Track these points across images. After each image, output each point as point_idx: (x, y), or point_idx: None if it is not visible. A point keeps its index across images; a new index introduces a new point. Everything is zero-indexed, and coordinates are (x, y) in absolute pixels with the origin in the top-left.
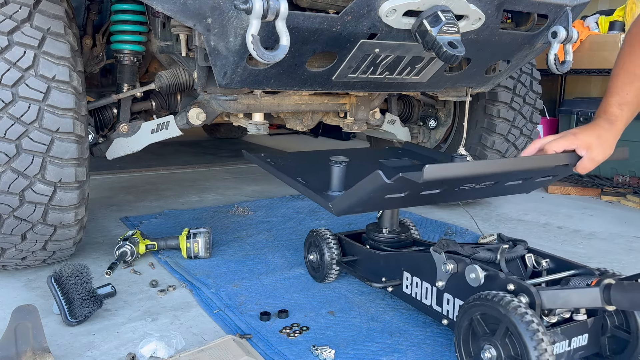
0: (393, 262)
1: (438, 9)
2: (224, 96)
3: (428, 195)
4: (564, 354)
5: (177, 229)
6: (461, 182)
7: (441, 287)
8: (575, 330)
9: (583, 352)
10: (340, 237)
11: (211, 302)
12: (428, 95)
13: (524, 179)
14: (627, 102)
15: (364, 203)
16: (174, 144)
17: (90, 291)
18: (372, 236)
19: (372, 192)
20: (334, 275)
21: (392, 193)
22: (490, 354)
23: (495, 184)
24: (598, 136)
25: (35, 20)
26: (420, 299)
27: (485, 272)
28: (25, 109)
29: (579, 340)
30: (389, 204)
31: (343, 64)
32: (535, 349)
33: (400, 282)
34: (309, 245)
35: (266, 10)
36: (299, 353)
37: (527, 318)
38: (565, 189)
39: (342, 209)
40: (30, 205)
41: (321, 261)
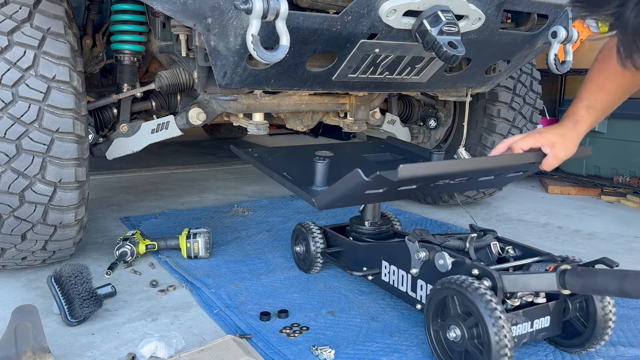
0: (373, 252)
1: (438, 9)
2: (224, 96)
3: (406, 190)
4: (527, 335)
5: (177, 229)
6: (436, 179)
7: (415, 274)
8: (537, 312)
9: (545, 333)
10: (326, 230)
11: (211, 302)
12: (428, 95)
13: (496, 175)
14: (594, 107)
15: (345, 198)
16: (174, 144)
17: (90, 291)
18: (355, 228)
19: (352, 189)
20: (319, 266)
21: (371, 189)
22: (455, 333)
23: (468, 180)
24: (562, 135)
25: (35, 20)
26: (397, 286)
27: (453, 259)
28: (25, 109)
29: (541, 322)
30: (369, 198)
31: (343, 64)
32: (494, 326)
33: (379, 271)
34: (296, 237)
35: (266, 10)
36: (299, 353)
37: (487, 299)
38: (565, 189)
39: (324, 204)
40: (30, 205)
41: (307, 252)
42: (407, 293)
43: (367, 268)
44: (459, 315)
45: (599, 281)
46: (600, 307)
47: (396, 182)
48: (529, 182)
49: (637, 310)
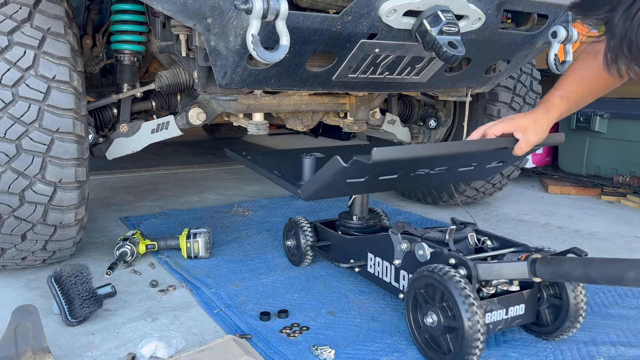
0: (360, 245)
1: (438, 9)
2: (224, 96)
3: (387, 180)
4: (502, 321)
5: (177, 229)
6: (413, 166)
7: (398, 265)
8: (511, 300)
9: (520, 320)
10: (316, 225)
11: (211, 302)
12: (428, 95)
13: (475, 165)
14: (568, 97)
15: (328, 187)
16: (174, 144)
17: (90, 291)
18: (343, 223)
19: (333, 176)
20: (309, 259)
21: (352, 178)
22: (432, 318)
23: (448, 170)
24: (534, 120)
25: (35, 20)
26: (381, 277)
27: (431, 249)
28: (25, 109)
29: (515, 309)
30: (352, 189)
31: (343, 64)
32: (467, 312)
33: (365, 262)
34: (287, 232)
35: (266, 10)
36: (299, 353)
37: (461, 286)
38: (565, 189)
39: (310, 194)
40: (30, 205)
41: (297, 246)
42: (390, 283)
43: (354, 260)
44: (436, 301)
45: (566, 268)
46: (572, 296)
47: (377, 169)
48: (529, 182)
49: (637, 310)
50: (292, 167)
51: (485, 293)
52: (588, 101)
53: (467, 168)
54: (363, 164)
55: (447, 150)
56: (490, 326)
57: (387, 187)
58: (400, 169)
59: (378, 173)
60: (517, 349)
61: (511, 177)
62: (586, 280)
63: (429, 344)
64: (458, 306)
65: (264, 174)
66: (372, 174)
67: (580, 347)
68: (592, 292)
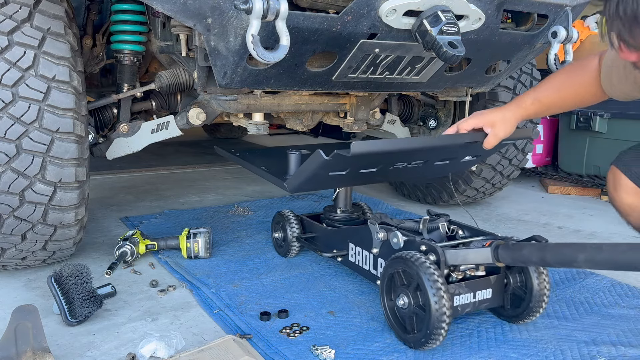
0: (342, 236)
1: (438, 9)
2: (224, 96)
3: (368, 173)
4: (469, 304)
5: (177, 229)
6: (391, 159)
7: (376, 253)
8: (479, 285)
9: (487, 304)
10: (302, 218)
11: (211, 302)
12: (428, 95)
13: (450, 159)
14: (540, 101)
15: (312, 180)
16: (174, 144)
17: (90, 291)
18: (328, 215)
19: (316, 169)
20: (296, 250)
21: (334, 171)
22: (403, 300)
23: (425, 163)
24: (502, 116)
25: (35, 20)
26: (361, 265)
27: (405, 237)
28: (25, 109)
29: (483, 293)
30: (335, 181)
31: (343, 64)
32: (435, 295)
33: (347, 252)
34: (275, 224)
35: (266, 10)
36: (299, 353)
37: (430, 271)
38: (565, 189)
39: (295, 187)
40: (30, 205)
41: (284, 238)
42: (369, 271)
43: (336, 250)
44: (407, 285)
45: (525, 253)
46: (536, 282)
47: (357, 163)
48: (529, 182)
49: (637, 310)
50: (279, 162)
51: (454, 278)
52: (560, 110)
53: (443, 162)
54: (343, 157)
55: (421, 144)
56: (458, 308)
57: (369, 180)
58: (379, 162)
59: (358, 166)
60: (517, 349)
61: (511, 177)
62: (543, 263)
63: (401, 324)
64: (426, 289)
65: (252, 169)
66: (353, 167)
67: (581, 347)
68: (592, 292)
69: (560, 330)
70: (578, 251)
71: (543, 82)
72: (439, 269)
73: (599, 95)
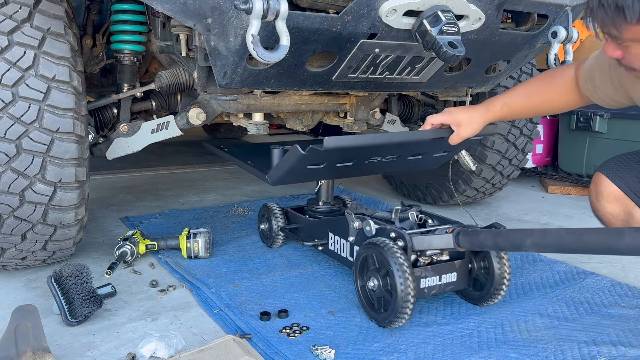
0: (322, 226)
1: (438, 9)
2: (224, 96)
3: (344, 167)
4: (435, 287)
5: (177, 229)
6: (365, 154)
7: (352, 241)
8: (444, 268)
9: (453, 287)
10: (286, 210)
11: (211, 302)
12: (428, 95)
13: (422, 154)
14: (509, 106)
15: (292, 173)
16: (174, 144)
17: (90, 291)
18: (310, 207)
19: (295, 163)
20: (280, 241)
21: (312, 164)
22: (373, 282)
23: (398, 158)
24: (469, 117)
25: (35, 20)
26: (339, 253)
27: (377, 226)
28: (25, 109)
29: (448, 277)
30: (314, 174)
31: (343, 64)
32: (401, 277)
33: (327, 241)
34: (261, 217)
35: (266, 10)
36: (299, 353)
37: (397, 256)
38: (565, 189)
39: (276, 180)
40: (30, 205)
41: (270, 229)
42: (346, 258)
43: (317, 239)
44: (377, 269)
45: (481, 238)
46: (497, 267)
47: (330, 156)
48: (529, 182)
49: (638, 309)
50: (263, 157)
51: (421, 262)
52: (530, 115)
53: (416, 157)
54: (318, 151)
55: (389, 140)
56: (425, 290)
57: (346, 173)
58: (354, 156)
59: (334, 160)
60: (517, 350)
61: (511, 177)
62: (496, 247)
63: (371, 304)
64: (393, 272)
65: (238, 163)
66: (329, 161)
67: (582, 347)
68: (592, 292)
69: (561, 330)
70: (526, 236)
71: (515, 87)
72: (405, 254)
73: (572, 102)
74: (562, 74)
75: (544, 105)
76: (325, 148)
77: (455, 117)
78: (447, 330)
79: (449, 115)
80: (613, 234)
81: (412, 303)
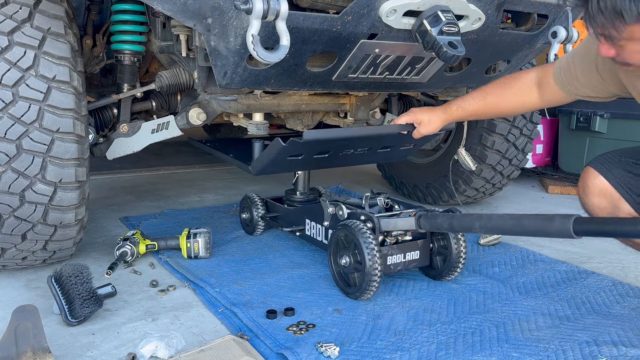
0: (300, 213)
1: (438, 9)
2: (224, 96)
3: (322, 158)
4: (401, 264)
5: (177, 229)
6: (339, 146)
7: (327, 226)
8: (408, 247)
9: (416, 264)
10: (267, 200)
11: (215, 301)
12: (428, 95)
13: (390, 147)
14: (464, 109)
15: (273, 164)
16: (174, 144)
17: (90, 291)
18: (288, 197)
19: (276, 154)
20: (261, 229)
21: (292, 155)
22: (345, 260)
23: (369, 150)
24: (429, 118)
25: (35, 20)
26: (315, 237)
27: (348, 210)
28: (25, 109)
29: (412, 255)
30: (294, 165)
31: (343, 64)
32: (368, 254)
33: (304, 227)
34: (243, 207)
35: (266, 10)
36: (305, 350)
37: (366, 235)
38: (565, 189)
39: (258, 170)
40: (30, 205)
41: (251, 218)
42: (322, 241)
43: (295, 226)
44: (348, 248)
45: (439, 221)
46: (455, 247)
47: (308, 148)
48: (529, 182)
49: (638, 309)
50: (245, 150)
51: (388, 242)
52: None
53: (385, 149)
54: (298, 143)
55: (361, 133)
56: (391, 266)
57: (323, 164)
58: (330, 148)
59: (312, 152)
60: (519, 349)
61: (511, 177)
62: (451, 229)
63: (344, 280)
64: (362, 250)
65: (222, 156)
66: (307, 152)
67: (583, 346)
68: (593, 292)
69: (562, 330)
70: (475, 220)
71: (473, 91)
72: (374, 234)
73: (529, 103)
74: (520, 76)
75: (499, 106)
76: (305, 140)
77: (417, 116)
78: (450, 329)
79: (412, 115)
80: (546, 219)
81: (379, 277)
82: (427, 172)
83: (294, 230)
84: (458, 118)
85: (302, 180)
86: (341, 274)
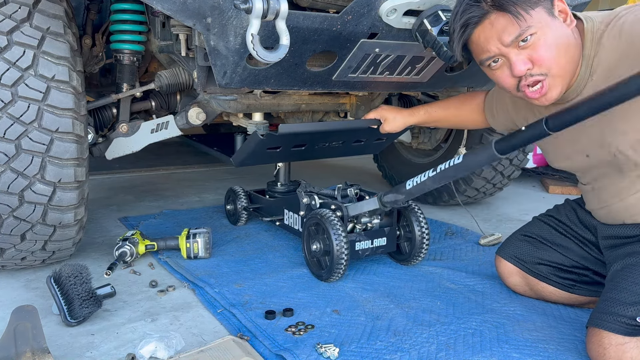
0: (279, 204)
1: (438, 8)
2: (224, 96)
3: (299, 151)
4: (369, 249)
5: (177, 229)
6: (314, 139)
7: (302, 215)
8: (375, 234)
9: (383, 249)
10: (250, 192)
11: (214, 302)
12: (429, 95)
13: (362, 141)
14: (430, 113)
15: (253, 155)
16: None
17: (89, 291)
18: (270, 189)
19: (255, 146)
20: (244, 219)
21: (270, 148)
22: (316, 246)
23: (343, 144)
24: (394, 117)
25: (34, 19)
26: (292, 226)
27: (321, 200)
28: (24, 108)
29: (379, 241)
30: (273, 157)
31: (343, 63)
32: (336, 240)
33: (282, 217)
34: (227, 199)
35: (266, 10)
36: (304, 351)
37: (334, 223)
38: (566, 189)
39: (239, 161)
40: (29, 205)
41: (235, 209)
42: (298, 230)
43: (275, 216)
44: (318, 234)
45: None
46: (418, 233)
47: (285, 140)
48: (529, 182)
49: None
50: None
51: (357, 229)
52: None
53: (359, 143)
54: (274, 135)
55: (332, 126)
56: (359, 252)
57: (301, 156)
58: (305, 141)
59: (289, 144)
60: (519, 350)
61: (512, 177)
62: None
63: (316, 264)
64: (331, 237)
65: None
66: (285, 144)
67: (583, 346)
68: None
69: (562, 330)
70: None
71: (441, 100)
72: (342, 222)
73: (479, 123)
74: (475, 97)
75: (457, 119)
76: (280, 133)
77: (382, 113)
78: (450, 330)
79: (380, 111)
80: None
81: (345, 261)
82: None
83: (273, 220)
84: (423, 121)
85: (283, 172)
86: (313, 259)
